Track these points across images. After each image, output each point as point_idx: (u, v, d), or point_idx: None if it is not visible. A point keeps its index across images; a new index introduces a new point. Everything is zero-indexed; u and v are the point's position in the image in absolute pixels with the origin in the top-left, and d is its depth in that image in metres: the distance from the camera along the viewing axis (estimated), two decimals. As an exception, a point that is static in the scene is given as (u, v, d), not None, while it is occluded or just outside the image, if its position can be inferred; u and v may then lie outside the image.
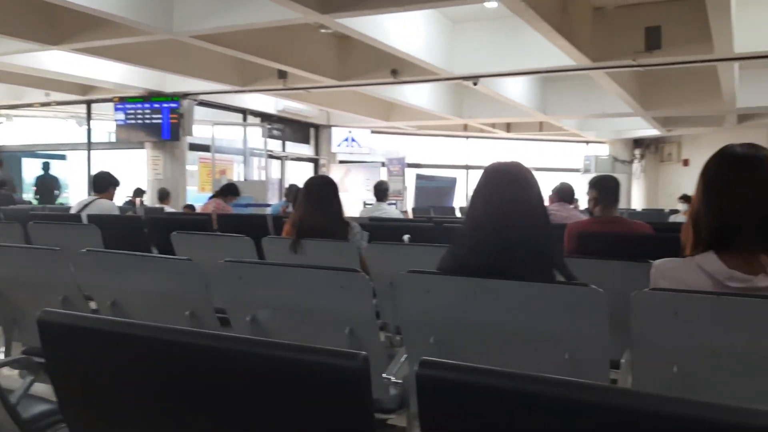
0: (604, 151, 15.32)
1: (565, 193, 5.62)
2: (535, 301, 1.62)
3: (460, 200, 13.80)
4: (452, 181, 14.58)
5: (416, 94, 10.18)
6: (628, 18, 6.82)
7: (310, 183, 3.47)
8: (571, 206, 5.54)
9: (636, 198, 15.17)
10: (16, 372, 2.11)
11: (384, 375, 1.93)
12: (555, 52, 6.74)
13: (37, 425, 1.67)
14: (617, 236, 3.45)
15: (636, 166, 15.23)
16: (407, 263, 2.61)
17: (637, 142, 15.11)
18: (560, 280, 1.74)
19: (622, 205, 13.38)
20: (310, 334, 2.07)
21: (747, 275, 1.49)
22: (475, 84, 8.21)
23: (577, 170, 14.87)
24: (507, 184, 1.77)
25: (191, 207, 8.41)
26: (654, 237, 3.50)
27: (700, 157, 13.60)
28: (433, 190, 13.98)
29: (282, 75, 8.70)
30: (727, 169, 1.58)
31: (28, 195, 12.38)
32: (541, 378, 0.71)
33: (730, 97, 8.77)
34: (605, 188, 3.78)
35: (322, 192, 3.37)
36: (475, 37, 7.64)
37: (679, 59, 7.05)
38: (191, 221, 4.96)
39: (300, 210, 3.35)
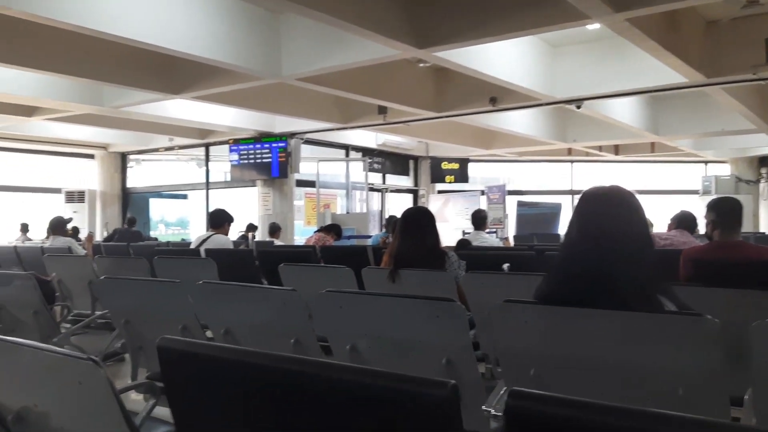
0: (725, 170, 14.31)
1: (686, 222, 5.25)
2: (639, 332, 1.53)
3: (565, 227, 13.33)
4: (556, 207, 14.15)
5: (516, 121, 10.05)
6: (744, 30, 6.40)
7: (406, 214, 3.53)
8: (692, 235, 5.19)
9: (764, 221, 13.98)
10: (141, 396, 2.28)
11: (484, 407, 1.90)
12: (664, 70, 6.45)
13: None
14: (739, 263, 3.20)
15: (763, 186, 14.07)
16: (506, 293, 2.57)
17: (763, 161, 13.99)
18: (670, 309, 1.64)
19: (747, 228, 12.42)
20: (408, 363, 2.07)
21: None
22: (578, 107, 8.00)
23: (695, 192, 13.96)
24: (603, 212, 1.69)
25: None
26: (784, 263, 3.21)
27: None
28: (536, 217, 13.64)
29: (382, 110, 8.94)
30: None
31: (155, 232, 13.39)
32: (638, 412, 0.67)
33: None
34: (724, 210, 3.53)
35: (418, 222, 3.41)
36: (577, 60, 7.47)
37: (806, 69, 6.50)
38: (297, 253, 5.15)
39: (397, 241, 3.41)
